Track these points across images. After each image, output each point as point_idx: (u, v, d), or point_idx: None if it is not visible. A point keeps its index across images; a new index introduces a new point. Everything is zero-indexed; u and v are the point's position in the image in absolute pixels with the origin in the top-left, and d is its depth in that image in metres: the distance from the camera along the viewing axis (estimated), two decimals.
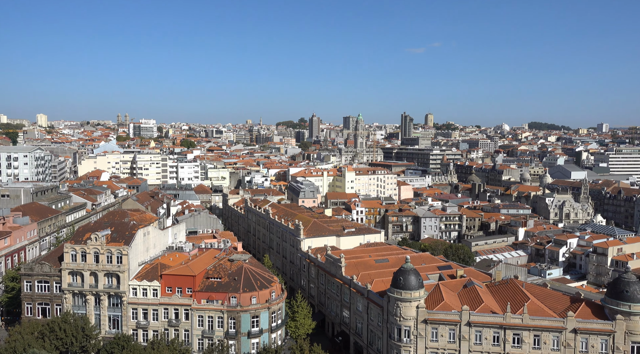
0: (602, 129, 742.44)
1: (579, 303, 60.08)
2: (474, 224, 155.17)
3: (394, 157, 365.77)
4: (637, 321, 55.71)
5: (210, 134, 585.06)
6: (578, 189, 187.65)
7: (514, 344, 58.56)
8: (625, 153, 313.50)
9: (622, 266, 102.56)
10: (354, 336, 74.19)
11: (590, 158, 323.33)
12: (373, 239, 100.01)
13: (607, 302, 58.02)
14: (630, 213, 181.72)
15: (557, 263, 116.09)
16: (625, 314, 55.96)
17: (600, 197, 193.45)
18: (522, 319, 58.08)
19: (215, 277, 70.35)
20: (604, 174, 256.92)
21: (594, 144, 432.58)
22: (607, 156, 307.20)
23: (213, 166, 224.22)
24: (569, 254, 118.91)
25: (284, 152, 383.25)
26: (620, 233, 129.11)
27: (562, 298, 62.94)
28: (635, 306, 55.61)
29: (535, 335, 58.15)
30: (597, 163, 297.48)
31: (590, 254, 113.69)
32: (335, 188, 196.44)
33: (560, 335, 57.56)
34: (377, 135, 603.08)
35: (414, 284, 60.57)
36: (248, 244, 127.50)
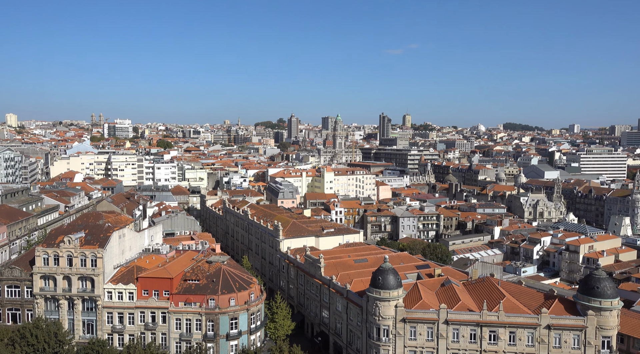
0: (574, 130, 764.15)
1: (552, 300, 61.52)
2: (451, 224, 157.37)
3: (373, 158, 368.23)
4: (608, 316, 57.37)
5: (187, 135, 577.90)
6: (551, 189, 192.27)
7: (490, 341, 59.58)
8: (596, 153, 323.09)
9: (593, 263, 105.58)
10: (334, 336, 74.29)
11: (563, 158, 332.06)
12: (352, 239, 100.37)
13: (579, 298, 59.58)
14: (600, 211, 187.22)
15: (531, 261, 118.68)
16: (596, 309, 57.56)
17: (572, 196, 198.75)
18: (498, 317, 59.14)
19: (193, 279, 69.43)
20: (575, 173, 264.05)
21: (566, 145, 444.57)
22: (579, 156, 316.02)
23: (191, 166, 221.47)
24: (543, 252, 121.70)
25: (263, 152, 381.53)
26: (591, 231, 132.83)
27: (536, 295, 64.37)
28: (605, 301, 57.25)
29: (511, 332, 59.30)
30: (569, 163, 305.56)
31: (562, 252, 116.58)
32: (314, 189, 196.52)
33: (535, 331, 58.84)
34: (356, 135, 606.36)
35: (393, 283, 61.02)
36: (226, 245, 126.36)
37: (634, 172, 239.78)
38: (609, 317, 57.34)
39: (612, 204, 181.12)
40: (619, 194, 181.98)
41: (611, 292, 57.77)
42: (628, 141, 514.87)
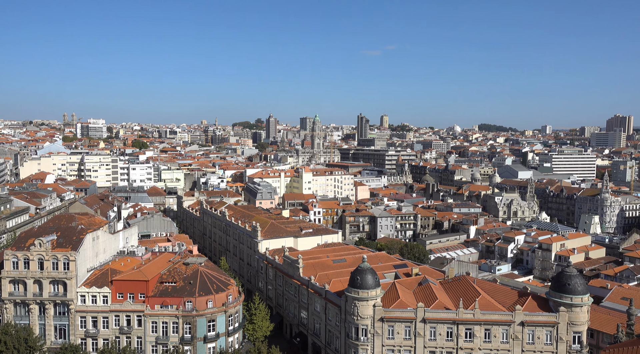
0: (546, 131, 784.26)
1: (525, 297, 62.94)
2: (428, 223, 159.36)
3: (351, 158, 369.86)
4: (578, 312, 59.04)
5: (163, 135, 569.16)
6: (524, 188, 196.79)
7: (466, 339, 60.56)
8: (567, 154, 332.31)
9: (564, 261, 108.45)
10: (312, 337, 74.30)
11: (536, 158, 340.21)
12: (331, 239, 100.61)
13: (551, 295, 61.13)
14: (571, 210, 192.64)
15: (505, 259, 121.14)
16: (567, 306, 59.15)
17: (545, 196, 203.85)
18: (473, 314, 60.16)
19: (169, 281, 68.42)
20: (547, 173, 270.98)
21: (539, 145, 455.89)
22: (551, 156, 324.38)
23: (167, 167, 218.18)
24: (517, 250, 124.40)
25: (241, 153, 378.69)
26: (562, 229, 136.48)
27: (510, 292, 65.74)
28: (576, 298, 58.89)
29: (486, 329, 60.41)
30: (541, 163, 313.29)
31: (535, 250, 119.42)
32: (293, 189, 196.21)
33: (509, 328, 60.09)
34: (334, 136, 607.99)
35: (371, 283, 61.42)
36: (204, 247, 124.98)
37: (603, 172, 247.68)
38: (579, 313, 59.01)
39: (582, 203, 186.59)
40: (588, 194, 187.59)
41: (582, 289, 59.48)
42: (597, 142, 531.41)
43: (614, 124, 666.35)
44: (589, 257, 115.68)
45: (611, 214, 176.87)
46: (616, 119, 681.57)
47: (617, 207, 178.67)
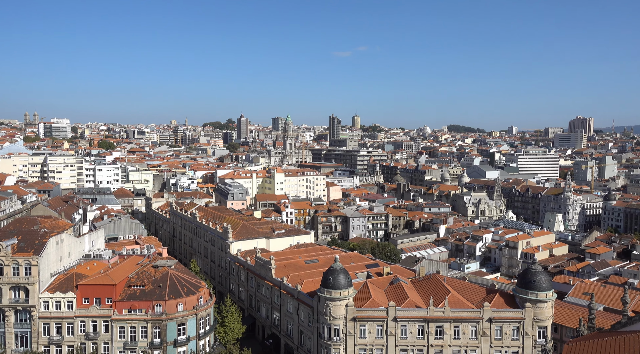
0: (512, 132, 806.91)
1: (493, 294, 64.50)
2: (400, 223, 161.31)
3: (323, 159, 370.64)
4: (543, 308, 60.93)
5: (131, 135, 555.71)
6: (492, 188, 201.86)
7: (436, 336, 61.56)
8: (532, 154, 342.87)
9: (530, 258, 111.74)
10: (285, 338, 73.98)
11: (502, 159, 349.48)
12: (303, 240, 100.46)
13: (518, 291, 62.85)
14: (536, 209, 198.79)
15: (474, 257, 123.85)
16: (533, 302, 60.95)
17: (511, 195, 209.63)
18: (443, 312, 61.22)
19: (138, 285, 66.77)
20: (514, 173, 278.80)
21: (505, 146, 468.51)
22: (517, 156, 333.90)
23: (135, 168, 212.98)
24: (485, 248, 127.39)
25: (212, 153, 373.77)
26: (528, 228, 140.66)
27: (479, 289, 67.23)
28: (541, 294, 60.76)
29: (456, 326, 61.56)
30: (508, 163, 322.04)
31: (503, 248, 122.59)
32: (265, 190, 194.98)
33: (478, 325, 61.44)
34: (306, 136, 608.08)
35: (343, 283, 61.63)
36: (174, 249, 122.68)
37: (565, 171, 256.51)
38: (544, 308, 60.90)
39: (546, 202, 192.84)
40: (552, 193, 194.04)
41: (546, 285, 61.41)
42: (560, 143, 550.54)
43: (575, 125, 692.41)
44: (553, 254, 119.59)
45: (573, 212, 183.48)
46: (578, 121, 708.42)
47: (579, 206, 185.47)
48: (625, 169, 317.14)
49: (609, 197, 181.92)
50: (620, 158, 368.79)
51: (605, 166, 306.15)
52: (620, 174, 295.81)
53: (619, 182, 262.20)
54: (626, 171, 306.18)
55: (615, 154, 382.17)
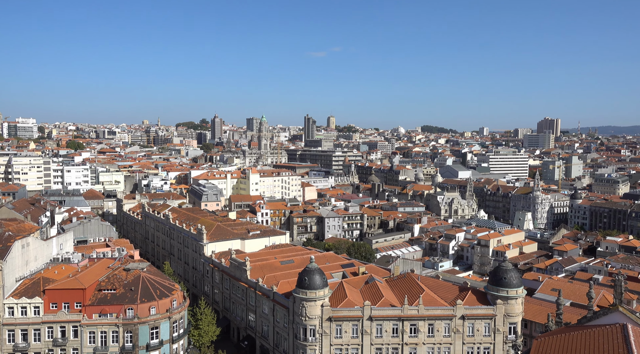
0: (484, 133, 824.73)
1: (466, 292, 65.72)
2: (375, 223, 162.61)
3: (298, 159, 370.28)
4: (514, 304, 62.46)
5: (101, 135, 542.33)
6: (464, 187, 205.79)
7: (411, 334, 62.29)
8: (502, 154, 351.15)
9: (501, 256, 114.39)
10: (260, 340, 73.55)
11: (474, 159, 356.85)
12: (278, 240, 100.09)
13: (489, 289, 64.24)
14: (507, 208, 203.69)
15: (447, 256, 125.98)
16: (504, 298, 62.40)
17: (483, 194, 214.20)
18: (418, 310, 62.01)
19: (108, 288, 65.17)
20: (485, 173, 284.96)
21: (477, 146, 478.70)
22: (488, 157, 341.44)
23: (105, 169, 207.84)
24: (458, 247, 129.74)
25: (185, 154, 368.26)
26: (499, 226, 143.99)
27: (452, 287, 68.40)
28: (511, 291, 62.27)
29: (430, 324, 62.45)
30: (479, 163, 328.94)
31: (475, 246, 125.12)
32: (240, 190, 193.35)
33: (451, 322, 62.48)
34: (281, 137, 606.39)
35: (319, 283, 61.68)
36: (146, 251, 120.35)
37: (534, 171, 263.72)
38: (514, 305, 62.44)
39: (516, 201, 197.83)
40: (522, 192, 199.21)
41: (516, 282, 62.97)
42: (529, 143, 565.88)
43: (543, 126, 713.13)
44: (523, 252, 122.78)
45: (542, 211, 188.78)
46: (546, 122, 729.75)
47: (547, 205, 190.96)
48: (590, 168, 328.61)
49: (575, 196, 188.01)
50: (586, 158, 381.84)
51: (572, 165, 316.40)
52: (585, 174, 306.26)
53: (585, 181, 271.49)
54: (591, 170, 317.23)
55: (581, 154, 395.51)
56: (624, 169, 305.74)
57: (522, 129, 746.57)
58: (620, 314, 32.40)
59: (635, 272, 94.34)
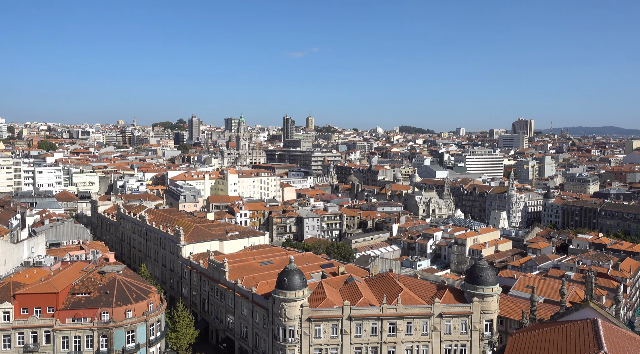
0: (460, 133, 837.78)
1: (443, 290, 66.62)
2: (354, 223, 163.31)
3: (277, 159, 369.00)
4: (490, 302, 63.63)
5: (74, 135, 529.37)
6: (442, 187, 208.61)
7: (389, 333, 62.79)
8: (478, 154, 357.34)
9: (477, 254, 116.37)
10: (239, 341, 73.01)
11: (451, 159, 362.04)
12: (257, 241, 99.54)
13: (466, 287, 65.29)
14: (483, 207, 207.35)
15: (425, 255, 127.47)
16: (480, 296, 63.51)
17: (459, 194, 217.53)
18: (396, 309, 62.56)
19: (82, 292, 63.67)
20: (462, 173, 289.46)
21: (454, 147, 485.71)
22: (464, 157, 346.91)
23: (79, 170, 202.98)
24: (435, 246, 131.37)
25: (162, 154, 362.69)
26: (475, 225, 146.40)
27: (430, 286, 69.24)
28: (487, 288, 63.43)
29: (408, 323, 63.08)
30: (456, 163, 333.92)
31: (452, 245, 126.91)
32: (218, 191, 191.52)
33: (429, 320, 63.25)
34: (260, 137, 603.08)
35: (298, 284, 61.61)
36: (122, 254, 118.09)
37: (509, 171, 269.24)
38: (490, 302, 63.61)
39: (492, 200, 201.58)
40: (497, 191, 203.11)
41: (492, 280, 64.17)
42: (504, 143, 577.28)
43: (518, 127, 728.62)
44: (498, 250, 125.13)
45: (516, 209, 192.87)
46: (520, 123, 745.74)
47: (522, 204, 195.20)
48: (563, 168, 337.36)
49: (548, 195, 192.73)
50: (558, 158, 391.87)
51: (545, 165, 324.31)
52: (558, 173, 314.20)
53: (557, 180, 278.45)
54: (563, 170, 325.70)
55: (554, 154, 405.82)
56: (594, 168, 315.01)
57: (497, 130, 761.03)
58: (590, 310, 33.36)
59: (604, 268, 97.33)
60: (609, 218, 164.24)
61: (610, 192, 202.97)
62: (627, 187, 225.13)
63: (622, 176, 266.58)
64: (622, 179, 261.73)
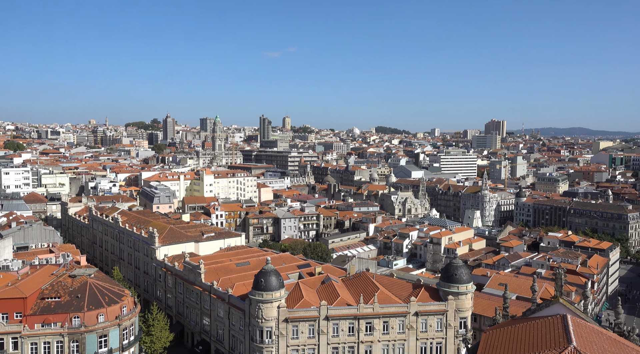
0: (435, 134, 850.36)
1: (419, 289, 67.46)
2: (330, 223, 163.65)
3: (254, 160, 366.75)
4: (464, 300, 64.75)
5: (44, 135, 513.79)
6: (417, 187, 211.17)
7: (366, 333, 63.18)
8: (453, 155, 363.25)
9: (452, 253, 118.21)
10: (215, 344, 72.23)
11: (426, 159, 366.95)
12: (234, 242, 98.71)
13: (441, 285, 66.26)
14: (457, 206, 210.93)
15: (401, 254, 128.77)
16: (455, 294, 64.56)
17: (435, 193, 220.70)
18: (373, 309, 62.99)
19: (52, 297, 61.86)
20: (437, 173, 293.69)
21: (429, 147, 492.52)
22: (439, 157, 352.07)
23: (49, 171, 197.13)
24: (411, 245, 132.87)
25: (135, 155, 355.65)
26: (450, 224, 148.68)
27: (406, 285, 69.98)
28: (462, 286, 64.53)
29: (385, 322, 63.60)
30: (431, 163, 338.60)
31: (427, 244, 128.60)
32: (194, 192, 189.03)
33: (405, 319, 63.93)
34: (236, 137, 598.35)
35: (275, 284, 61.35)
36: (94, 256, 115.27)
37: (482, 171, 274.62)
38: (465, 300, 64.73)
39: (466, 200, 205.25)
40: (471, 191, 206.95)
41: (466, 277, 65.33)
42: (477, 144, 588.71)
43: (490, 127, 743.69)
44: (472, 248, 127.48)
45: (490, 209, 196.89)
46: (492, 124, 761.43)
47: (495, 203, 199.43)
48: (534, 168, 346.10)
49: (520, 194, 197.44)
50: (529, 158, 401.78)
51: (517, 165, 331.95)
52: (529, 173, 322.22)
53: (529, 180, 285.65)
54: (534, 169, 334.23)
55: (525, 155, 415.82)
56: (564, 168, 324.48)
57: (470, 130, 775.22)
58: (560, 306, 34.33)
59: (573, 265, 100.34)
60: (577, 216, 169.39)
61: (579, 192, 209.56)
62: (595, 187, 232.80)
63: (590, 176, 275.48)
64: (590, 178, 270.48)
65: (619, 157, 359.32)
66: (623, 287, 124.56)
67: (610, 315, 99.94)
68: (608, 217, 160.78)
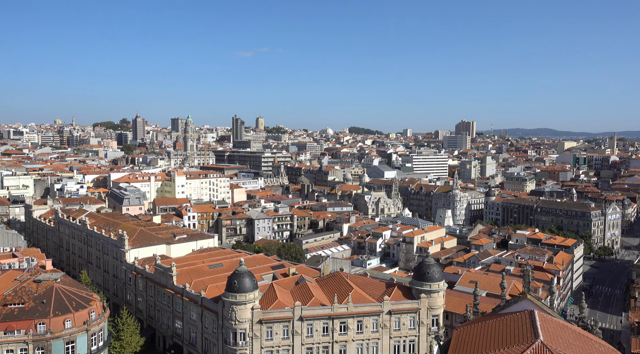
0: (407, 134, 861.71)
1: (392, 288, 68.19)
2: (304, 223, 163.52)
3: (227, 160, 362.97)
4: (436, 297, 65.82)
5: (5, 136, 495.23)
6: (390, 187, 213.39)
7: (341, 332, 63.44)
8: (425, 155, 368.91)
9: (424, 252, 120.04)
10: (188, 347, 71.12)
11: (399, 159, 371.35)
12: (207, 244, 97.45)
13: (414, 284, 67.17)
14: (429, 206, 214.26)
15: (375, 254, 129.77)
16: (427, 292, 65.54)
17: (407, 193, 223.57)
18: (347, 308, 63.29)
19: (16, 303, 59.56)
20: (409, 173, 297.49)
21: (401, 147, 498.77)
22: (411, 157, 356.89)
23: (11, 172, 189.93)
24: (384, 244, 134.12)
25: (104, 156, 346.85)
26: (422, 224, 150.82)
27: (379, 284, 70.61)
28: (434, 284, 65.59)
29: (359, 321, 64.00)
30: (404, 163, 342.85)
31: (400, 243, 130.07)
32: (165, 193, 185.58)
33: (379, 318, 64.50)
34: (209, 138, 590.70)
35: (249, 286, 60.87)
36: (60, 260, 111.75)
37: (453, 170, 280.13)
38: (437, 298, 65.81)
39: (437, 199, 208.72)
40: (442, 190, 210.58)
41: (438, 276, 66.44)
42: (448, 144, 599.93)
43: (461, 128, 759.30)
44: (444, 247, 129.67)
45: (460, 208, 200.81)
46: (463, 124, 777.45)
47: (465, 202, 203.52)
48: (502, 167, 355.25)
49: (490, 193, 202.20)
50: (498, 158, 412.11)
51: (486, 165, 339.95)
52: (498, 173, 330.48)
53: (497, 179, 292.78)
54: (503, 169, 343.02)
55: (494, 155, 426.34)
56: (531, 168, 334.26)
57: (442, 131, 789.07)
58: (528, 302, 35.33)
59: (540, 262, 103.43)
60: (544, 215, 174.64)
61: (545, 191, 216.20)
62: (560, 185, 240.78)
63: (555, 175, 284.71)
64: (555, 177, 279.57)
65: (582, 157, 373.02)
66: (587, 282, 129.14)
67: (575, 310, 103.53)
68: (572, 215, 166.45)
